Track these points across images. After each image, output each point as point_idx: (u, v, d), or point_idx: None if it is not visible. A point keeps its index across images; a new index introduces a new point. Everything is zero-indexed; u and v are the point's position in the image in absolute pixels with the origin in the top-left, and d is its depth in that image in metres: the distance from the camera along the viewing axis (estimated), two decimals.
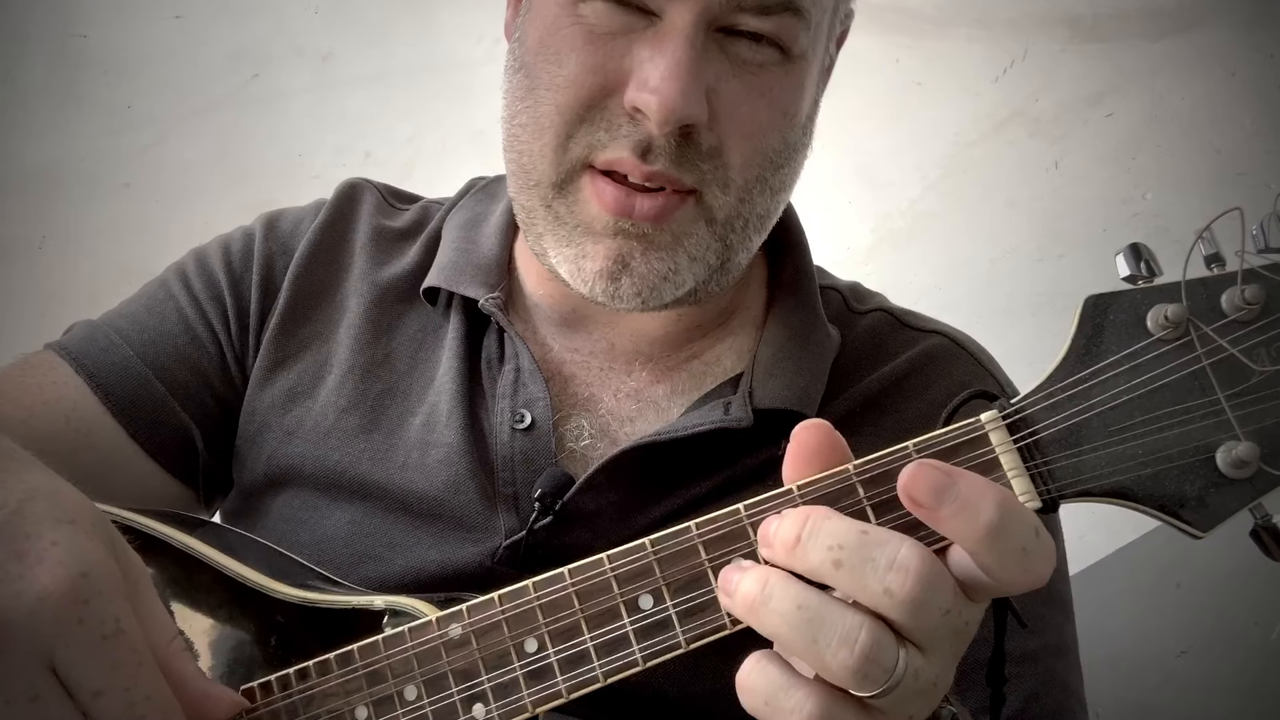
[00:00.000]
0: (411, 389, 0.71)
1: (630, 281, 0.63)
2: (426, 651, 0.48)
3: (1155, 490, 0.44)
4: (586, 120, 0.61)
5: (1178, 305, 0.44)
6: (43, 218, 1.32)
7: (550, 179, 0.63)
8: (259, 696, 0.50)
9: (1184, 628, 1.26)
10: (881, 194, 1.36)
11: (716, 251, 0.65)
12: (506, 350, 0.71)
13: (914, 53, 1.35)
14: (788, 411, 0.67)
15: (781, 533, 0.44)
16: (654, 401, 0.71)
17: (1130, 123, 1.34)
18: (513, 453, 0.67)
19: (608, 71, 0.60)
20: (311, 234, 0.77)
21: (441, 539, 0.66)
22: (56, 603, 0.40)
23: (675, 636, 0.46)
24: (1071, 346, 0.46)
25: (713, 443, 0.66)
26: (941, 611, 0.42)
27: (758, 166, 0.64)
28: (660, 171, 0.60)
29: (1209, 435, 0.44)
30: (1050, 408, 0.45)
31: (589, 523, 0.65)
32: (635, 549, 0.47)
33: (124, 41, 1.35)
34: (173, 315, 0.74)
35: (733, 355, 0.73)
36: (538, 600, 0.47)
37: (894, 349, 0.75)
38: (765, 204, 0.66)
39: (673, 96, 0.57)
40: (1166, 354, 0.44)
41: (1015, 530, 0.42)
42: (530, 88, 0.64)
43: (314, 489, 0.69)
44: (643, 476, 0.66)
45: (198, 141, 1.35)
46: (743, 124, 0.62)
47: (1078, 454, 0.45)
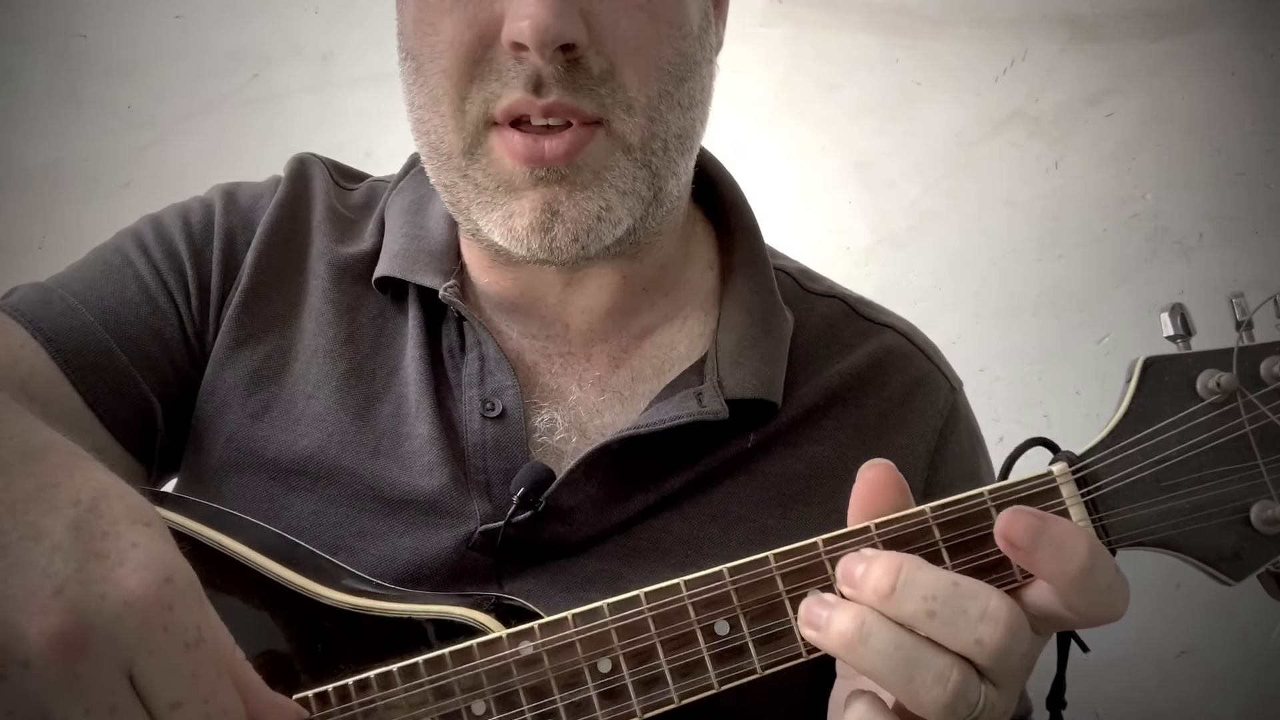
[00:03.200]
0: (376, 374, 0.70)
1: (564, 229, 0.62)
2: (496, 669, 0.48)
3: (1197, 543, 0.49)
4: (476, 77, 0.61)
5: (1229, 375, 0.49)
6: (43, 218, 1.32)
7: (459, 146, 0.63)
8: (315, 707, 0.49)
9: (1184, 628, 1.26)
10: (881, 194, 1.36)
11: (645, 180, 0.64)
12: (468, 339, 0.70)
13: (914, 53, 1.35)
14: (757, 401, 0.68)
15: (873, 579, 0.45)
16: (617, 390, 0.71)
17: (1130, 123, 1.34)
18: (484, 440, 0.67)
19: (480, 23, 0.60)
20: (271, 211, 0.75)
21: (414, 526, 0.65)
22: (143, 609, 0.39)
23: (751, 663, 0.48)
24: (1130, 405, 0.51)
25: (686, 435, 0.66)
26: (1020, 654, 0.45)
27: (657, 82, 0.63)
28: (558, 102, 0.60)
29: (1246, 495, 0.48)
30: (1112, 465, 0.49)
31: (566, 517, 0.65)
32: (713, 576, 0.49)
33: (124, 41, 1.35)
34: (132, 283, 0.71)
35: (686, 339, 0.73)
36: (613, 622, 0.48)
37: (849, 339, 0.76)
38: (679, 121, 0.65)
39: (543, 16, 0.57)
40: (1215, 419, 0.49)
41: (1103, 570, 0.45)
42: (417, 67, 0.64)
43: (274, 475, 0.67)
44: (619, 471, 0.66)
45: (198, 141, 1.35)
46: (627, 40, 0.61)
47: (1135, 509, 0.49)
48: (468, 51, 0.61)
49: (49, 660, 0.37)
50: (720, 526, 0.67)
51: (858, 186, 1.36)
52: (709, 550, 0.66)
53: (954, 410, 0.76)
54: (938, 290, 1.33)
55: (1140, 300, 1.31)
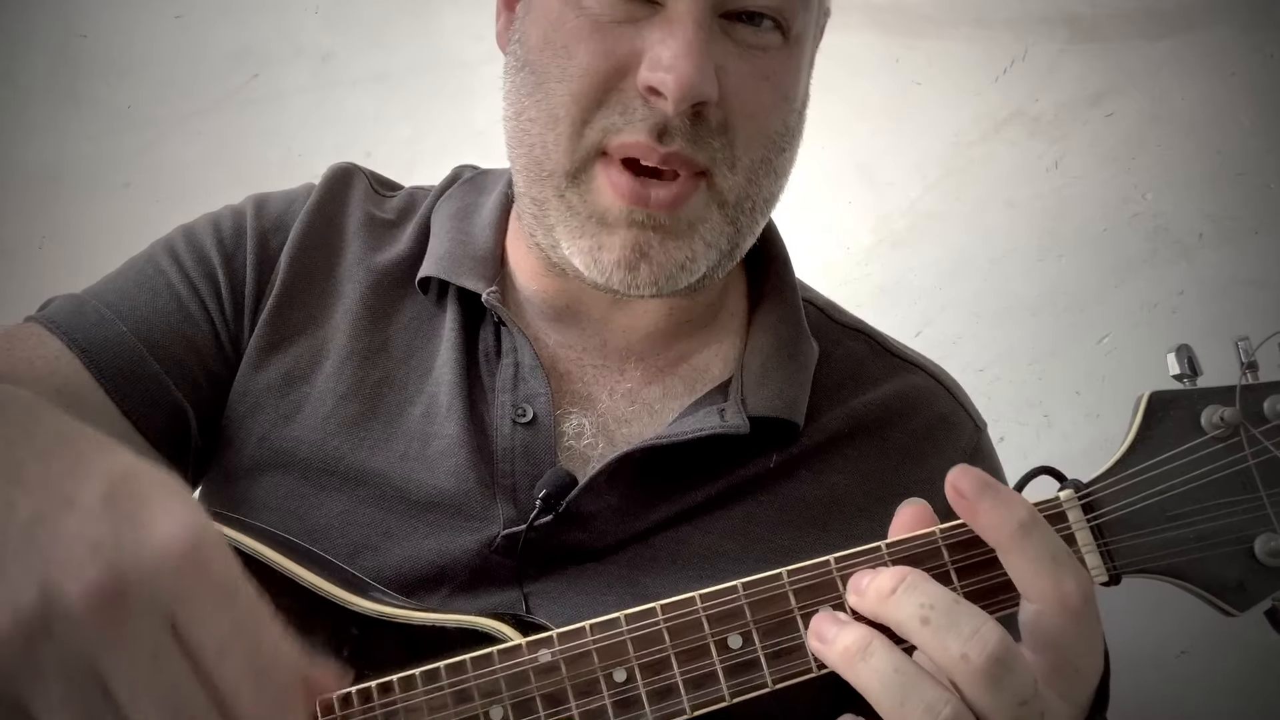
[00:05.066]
0: (409, 378, 0.71)
1: (648, 270, 0.64)
2: (515, 675, 0.49)
3: (1201, 572, 0.50)
4: (602, 104, 0.62)
5: (1233, 410, 0.50)
6: (43, 218, 1.32)
7: (564, 168, 0.64)
8: (338, 708, 0.49)
9: (1184, 628, 1.26)
10: (881, 194, 1.36)
11: (729, 236, 0.66)
12: (504, 344, 0.71)
13: (914, 53, 1.35)
14: (778, 420, 0.69)
15: (877, 583, 0.47)
16: (648, 403, 0.72)
17: (1130, 123, 1.34)
18: (513, 445, 0.68)
19: (618, 56, 0.61)
20: (305, 215, 0.76)
21: (438, 528, 0.66)
22: (177, 560, 0.40)
23: (763, 676, 0.48)
24: (1136, 437, 0.52)
25: (708, 449, 0.68)
26: (1017, 700, 0.44)
27: (762, 147, 0.65)
28: (676, 153, 0.61)
29: (1250, 527, 0.50)
30: (1118, 493, 0.51)
31: (587, 524, 0.66)
32: (727, 590, 0.49)
33: (124, 41, 1.35)
34: (164, 291, 0.72)
35: (719, 361, 0.75)
36: (629, 633, 0.49)
37: (875, 375, 0.77)
38: (770, 187, 0.68)
39: (689, 73, 0.58)
40: (1218, 452, 0.50)
41: (1045, 534, 0.46)
42: (538, 82, 0.64)
43: (306, 475, 0.68)
44: (641, 480, 0.67)
45: (198, 141, 1.35)
46: (748, 104, 0.63)
47: (1139, 536, 0.50)
48: (601, 80, 0.62)
49: (90, 613, 0.38)
50: (738, 543, 0.68)
51: (858, 186, 1.36)
52: (725, 565, 0.67)
53: (978, 448, 0.79)
54: (938, 290, 1.33)
55: (1140, 300, 1.31)
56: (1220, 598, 0.50)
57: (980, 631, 0.44)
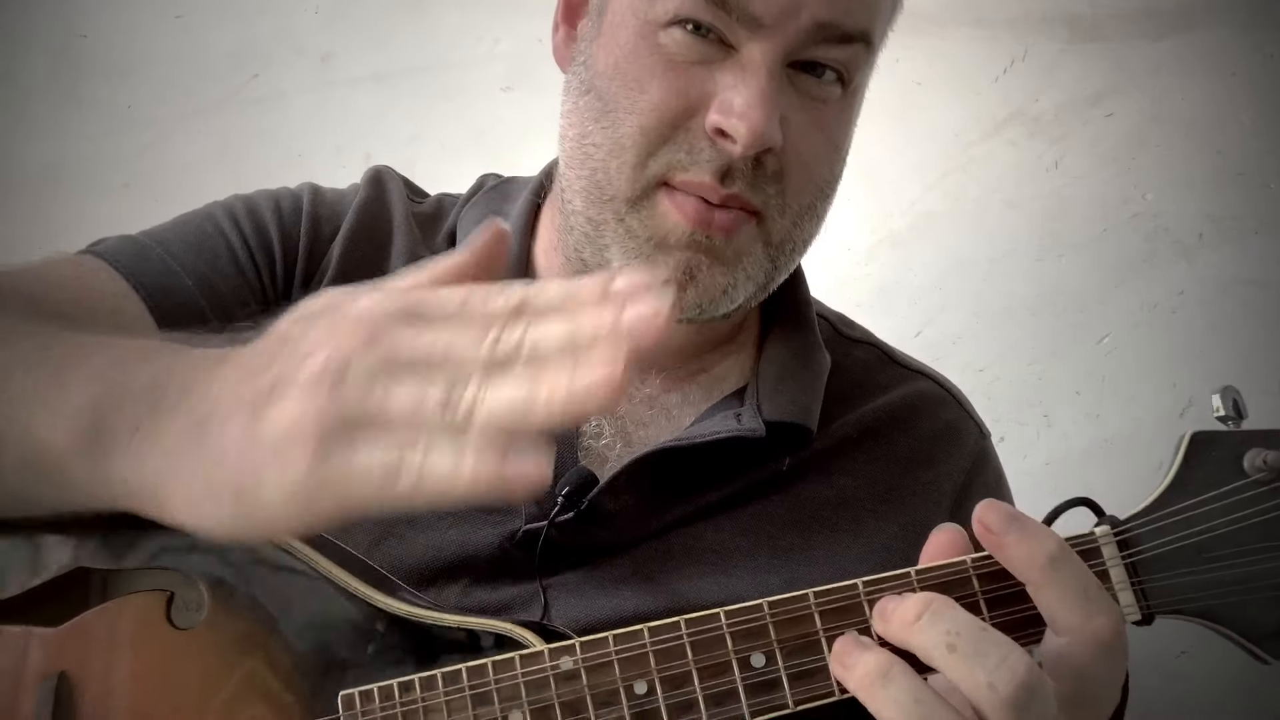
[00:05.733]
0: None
1: (694, 293, 0.66)
2: (535, 681, 0.49)
3: (1238, 617, 0.50)
4: (669, 140, 0.64)
5: (1276, 454, 0.49)
6: (43, 218, 1.32)
7: (626, 194, 0.66)
8: (359, 704, 0.50)
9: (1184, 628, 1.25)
10: (881, 194, 1.36)
11: (766, 271, 0.69)
12: None
13: (914, 53, 1.35)
14: (793, 425, 0.71)
15: (903, 609, 0.46)
16: (666, 408, 0.74)
17: (1130, 123, 1.34)
18: None
19: (690, 96, 0.63)
20: (355, 210, 0.78)
21: (462, 519, 0.67)
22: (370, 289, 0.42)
23: (784, 697, 0.48)
24: (1176, 476, 0.51)
25: (724, 452, 0.69)
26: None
27: (810, 195, 0.68)
28: (736, 195, 0.64)
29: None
30: (1154, 531, 0.50)
31: (606, 523, 0.67)
32: (751, 608, 0.49)
33: (124, 41, 1.35)
34: (225, 253, 0.73)
35: (736, 370, 0.77)
36: (652, 645, 0.49)
37: (884, 383, 0.79)
38: (810, 230, 0.71)
39: (760, 122, 0.60)
40: (1261, 495, 0.49)
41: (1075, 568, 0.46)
42: (605, 110, 0.66)
43: None
44: (659, 481, 0.69)
45: (198, 141, 1.35)
46: (804, 154, 0.65)
47: (1175, 576, 0.50)
48: (671, 118, 0.63)
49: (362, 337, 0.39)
50: (750, 540, 0.70)
51: (858, 186, 1.36)
52: (737, 560, 0.68)
53: (982, 454, 0.80)
54: (938, 290, 1.33)
55: (1140, 300, 1.31)
56: (1258, 644, 0.49)
57: (1008, 660, 0.44)
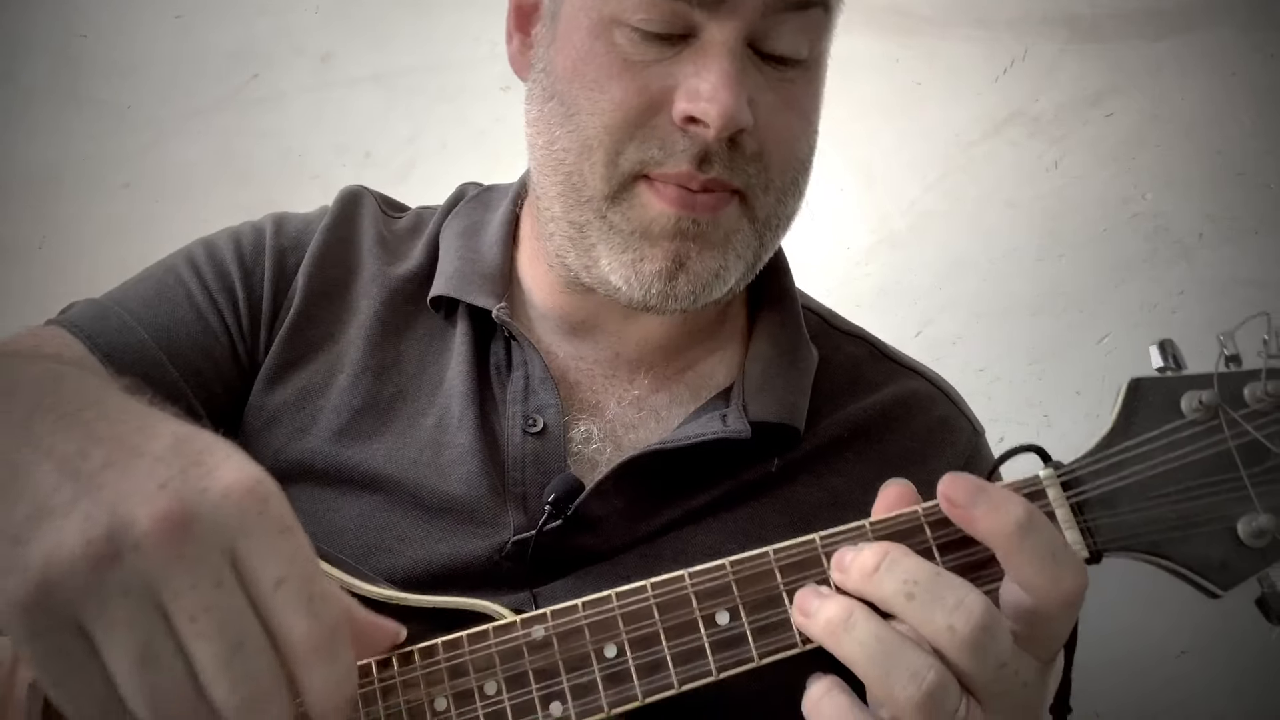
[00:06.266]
0: (421, 391, 0.73)
1: (686, 281, 0.66)
2: (509, 650, 0.51)
3: (1185, 551, 0.50)
4: (636, 138, 0.64)
5: (1211, 392, 0.51)
6: (43, 218, 1.32)
7: (603, 192, 0.66)
8: None
9: (1184, 628, 1.26)
10: (881, 194, 1.36)
11: (754, 250, 0.69)
12: (515, 358, 0.73)
13: (914, 53, 1.35)
14: (779, 425, 0.71)
15: (860, 561, 0.48)
16: (655, 410, 0.74)
17: (1130, 123, 1.34)
18: (524, 454, 0.69)
19: (652, 92, 0.63)
20: (321, 235, 0.78)
21: (451, 533, 0.67)
22: (240, 497, 0.42)
23: (749, 651, 0.49)
24: (1116, 421, 0.53)
25: (711, 454, 0.69)
26: (998, 663, 0.45)
27: (792, 170, 0.69)
28: (716, 178, 0.64)
29: (1232, 507, 0.50)
30: (1098, 472, 0.51)
31: (595, 528, 0.67)
32: (715, 568, 0.51)
33: (124, 41, 1.35)
34: (184, 302, 0.74)
35: (723, 368, 0.77)
36: (620, 609, 0.50)
37: (875, 380, 0.79)
38: (794, 205, 0.71)
39: (729, 102, 0.61)
40: (1199, 434, 0.51)
41: (1043, 532, 0.46)
42: (569, 113, 0.66)
43: (322, 484, 0.70)
44: (646, 484, 0.69)
45: (198, 141, 1.35)
46: (779, 132, 0.66)
47: (1120, 514, 0.51)
48: (635, 115, 0.64)
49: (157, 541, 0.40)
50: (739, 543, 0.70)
51: (858, 186, 1.36)
52: None
53: (976, 451, 0.80)
54: (938, 290, 1.33)
55: (1140, 300, 1.31)
56: (1204, 576, 0.50)
57: (965, 603, 0.45)
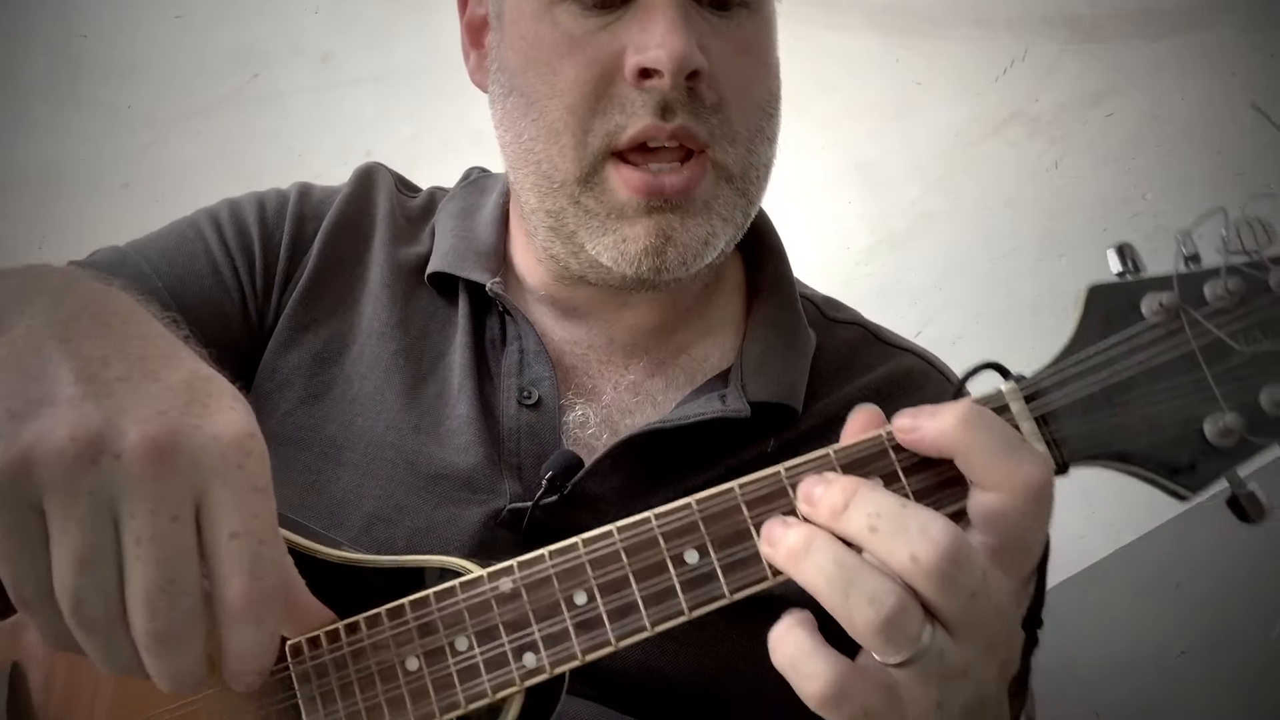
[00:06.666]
0: (424, 355, 0.74)
1: (675, 253, 0.66)
2: (477, 604, 0.50)
3: (1152, 456, 0.49)
4: (599, 111, 0.64)
5: (1170, 294, 0.50)
6: (43, 218, 1.32)
7: (574, 175, 0.66)
8: (307, 650, 0.50)
9: (1184, 628, 1.26)
10: (881, 194, 1.36)
11: (741, 208, 0.69)
12: (509, 332, 0.74)
13: (914, 53, 1.35)
14: (777, 405, 0.70)
15: (828, 497, 0.47)
16: (651, 394, 0.74)
17: (1130, 123, 1.34)
18: (519, 425, 0.70)
19: (602, 62, 0.64)
20: (338, 205, 0.79)
21: (447, 499, 0.67)
22: (225, 444, 0.43)
23: (720, 588, 0.48)
24: (1077, 330, 0.51)
25: (709, 434, 0.69)
26: (969, 593, 0.44)
27: (755, 117, 0.68)
28: (683, 126, 0.63)
29: (1198, 408, 0.49)
30: (1061, 382, 0.50)
31: (591, 506, 0.67)
32: (681, 508, 0.50)
33: (124, 41, 1.35)
34: (201, 256, 0.75)
35: (718, 352, 0.77)
36: (587, 555, 0.50)
37: (870, 361, 0.79)
38: (766, 153, 0.70)
39: (679, 44, 0.61)
40: (1160, 337, 0.50)
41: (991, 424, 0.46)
42: (530, 102, 0.67)
43: (325, 449, 0.70)
44: (644, 465, 0.69)
45: (198, 141, 1.35)
46: (735, 78, 0.65)
47: (1085, 423, 0.50)
48: (591, 88, 0.64)
49: (137, 458, 0.41)
50: None
51: (858, 186, 1.36)
52: None
53: None
54: (938, 290, 1.33)
55: None
56: (1173, 480, 0.49)
57: (928, 532, 0.44)
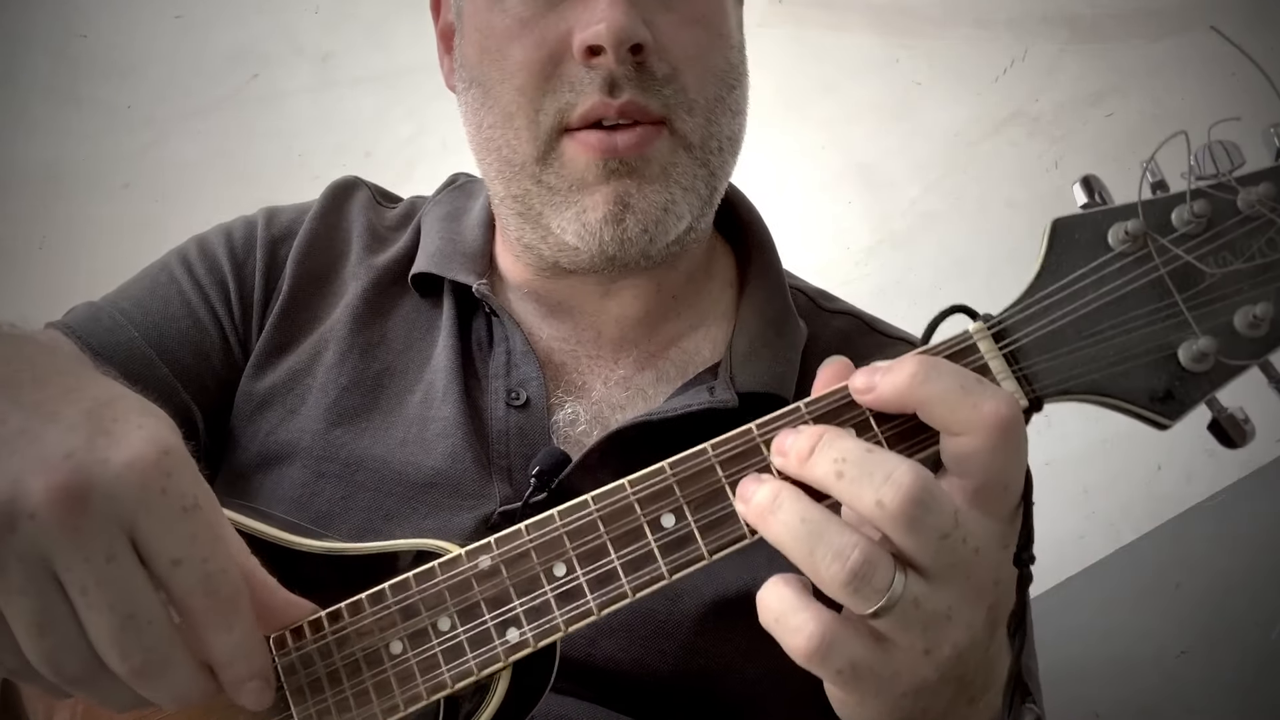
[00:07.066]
0: (408, 369, 0.74)
1: (634, 220, 0.66)
2: (458, 584, 0.50)
3: (1127, 386, 0.49)
4: (549, 91, 0.65)
5: (1136, 221, 0.50)
6: (43, 218, 1.32)
7: (532, 154, 0.67)
8: (291, 641, 0.50)
9: (1184, 628, 1.26)
10: (881, 194, 1.36)
11: (703, 179, 0.69)
12: (496, 334, 0.74)
13: (914, 53, 1.35)
14: (767, 395, 0.70)
15: (796, 444, 0.47)
16: (641, 389, 0.74)
17: (1130, 123, 1.34)
18: (508, 427, 0.70)
19: (550, 43, 0.65)
20: (309, 222, 0.79)
21: (437, 507, 0.67)
22: (141, 471, 0.42)
23: (698, 549, 0.49)
24: (1043, 265, 0.51)
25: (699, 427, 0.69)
26: (939, 534, 0.43)
27: (713, 87, 0.68)
28: (630, 100, 0.64)
29: (1171, 334, 0.48)
30: (1028, 318, 0.50)
31: None
32: (655, 472, 0.50)
33: (124, 41, 1.35)
34: (175, 298, 0.75)
35: (709, 345, 0.76)
36: (564, 527, 0.49)
37: (864, 352, 0.78)
38: (730, 125, 0.70)
39: (618, 18, 0.62)
40: (1128, 265, 0.49)
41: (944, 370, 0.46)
42: (486, 90, 0.68)
43: (309, 465, 0.70)
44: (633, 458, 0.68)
45: (198, 141, 1.35)
46: (687, 47, 0.66)
47: (1056, 357, 0.49)
48: (540, 69, 0.65)
49: (52, 512, 0.40)
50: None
51: (858, 186, 1.36)
52: None
53: None
54: (938, 290, 1.33)
55: None
56: (1150, 409, 0.48)
57: (893, 476, 0.43)
